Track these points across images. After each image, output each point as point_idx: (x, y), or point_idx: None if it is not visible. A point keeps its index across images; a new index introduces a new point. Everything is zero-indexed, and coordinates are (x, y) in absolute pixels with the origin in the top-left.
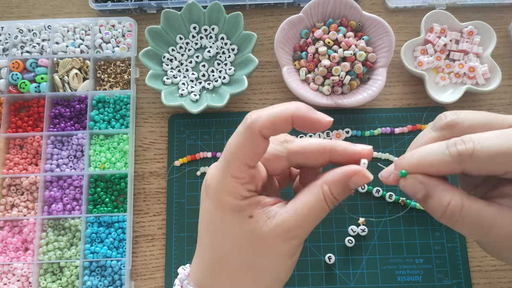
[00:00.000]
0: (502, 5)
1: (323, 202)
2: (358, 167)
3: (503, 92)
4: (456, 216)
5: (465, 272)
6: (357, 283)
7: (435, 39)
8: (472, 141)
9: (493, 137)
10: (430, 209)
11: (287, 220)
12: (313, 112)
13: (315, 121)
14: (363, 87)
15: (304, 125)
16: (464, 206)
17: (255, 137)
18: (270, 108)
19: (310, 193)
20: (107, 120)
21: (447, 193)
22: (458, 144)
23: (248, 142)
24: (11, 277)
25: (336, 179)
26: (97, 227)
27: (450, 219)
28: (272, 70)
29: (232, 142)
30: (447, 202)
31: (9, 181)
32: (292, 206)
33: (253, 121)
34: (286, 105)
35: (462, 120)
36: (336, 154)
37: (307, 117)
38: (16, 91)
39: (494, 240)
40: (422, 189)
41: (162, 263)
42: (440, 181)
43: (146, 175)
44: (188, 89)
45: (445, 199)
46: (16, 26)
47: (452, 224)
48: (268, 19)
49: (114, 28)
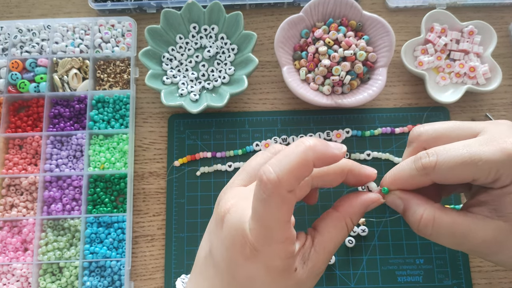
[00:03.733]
0: (503, 4)
1: (346, 234)
2: (375, 196)
3: (503, 92)
4: (429, 229)
5: (465, 273)
6: (357, 284)
7: (436, 39)
8: (436, 154)
9: (454, 148)
10: (409, 223)
11: (320, 260)
12: (329, 148)
13: (333, 157)
14: (363, 87)
15: (324, 164)
16: (436, 219)
17: (285, 197)
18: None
19: (336, 228)
20: (106, 120)
21: (420, 207)
22: (423, 158)
23: (281, 206)
24: (10, 277)
25: (358, 210)
26: (97, 227)
27: (424, 232)
28: (272, 70)
29: (264, 212)
30: (420, 216)
31: (8, 181)
32: (321, 245)
33: (276, 184)
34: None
35: (426, 129)
36: (351, 176)
37: (326, 156)
38: (16, 91)
39: (471, 248)
40: (401, 204)
41: (161, 263)
42: (415, 196)
43: (145, 175)
44: (188, 89)
45: (418, 213)
46: (16, 25)
47: (428, 236)
48: (268, 19)
49: (114, 27)
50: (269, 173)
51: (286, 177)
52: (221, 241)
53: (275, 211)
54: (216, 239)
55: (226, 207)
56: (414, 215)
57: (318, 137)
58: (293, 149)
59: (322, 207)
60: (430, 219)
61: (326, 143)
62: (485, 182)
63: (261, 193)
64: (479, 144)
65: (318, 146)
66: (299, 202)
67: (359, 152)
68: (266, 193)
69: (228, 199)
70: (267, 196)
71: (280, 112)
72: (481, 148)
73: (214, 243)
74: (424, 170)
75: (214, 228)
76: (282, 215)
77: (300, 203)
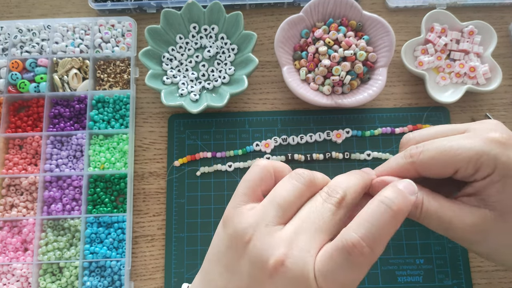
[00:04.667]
0: (503, 4)
1: None
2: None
3: (503, 92)
4: (418, 211)
5: (465, 273)
6: None
7: (436, 39)
8: (423, 146)
9: (438, 141)
10: None
11: None
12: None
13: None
14: (363, 87)
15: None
16: (424, 202)
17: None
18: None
19: None
20: (106, 120)
21: None
22: (412, 149)
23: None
24: (10, 277)
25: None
26: (97, 228)
27: (413, 214)
28: (272, 70)
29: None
30: None
31: (8, 181)
32: None
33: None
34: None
35: (414, 135)
36: None
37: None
38: (16, 91)
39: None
40: None
41: (161, 263)
42: None
43: (145, 175)
44: (188, 89)
45: None
46: (16, 25)
47: (416, 219)
48: (268, 19)
49: (114, 27)
50: (362, 247)
51: (379, 248)
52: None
53: (360, 277)
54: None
55: (279, 258)
56: None
57: (318, 137)
58: (382, 217)
59: None
60: (419, 202)
61: (405, 195)
62: (467, 173)
63: (347, 263)
64: (462, 138)
65: (404, 204)
66: None
67: (359, 152)
68: (356, 263)
69: (273, 246)
70: (356, 266)
71: (280, 112)
72: (463, 140)
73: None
74: (410, 158)
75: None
76: (362, 278)
77: None
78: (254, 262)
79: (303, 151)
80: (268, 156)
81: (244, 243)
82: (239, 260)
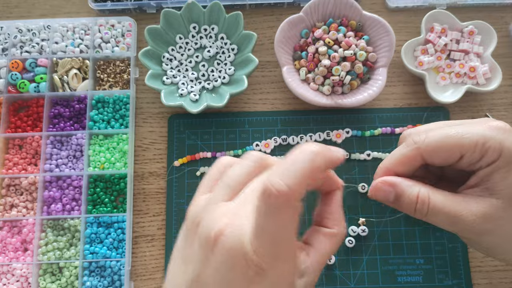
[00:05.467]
0: (503, 4)
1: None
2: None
3: (503, 92)
4: (425, 207)
5: (465, 273)
6: (357, 284)
7: (436, 39)
8: (425, 132)
9: (442, 128)
10: (404, 207)
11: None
12: (333, 152)
13: (338, 160)
14: (363, 87)
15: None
16: (430, 197)
17: (297, 208)
18: (291, 166)
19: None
20: (106, 120)
21: (414, 187)
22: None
23: (293, 217)
24: (10, 277)
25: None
26: (97, 228)
27: (421, 211)
28: (272, 70)
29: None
30: (416, 195)
31: (8, 181)
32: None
33: (288, 195)
34: (308, 155)
35: (416, 130)
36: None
37: (332, 161)
38: (16, 91)
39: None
40: (392, 191)
41: (161, 263)
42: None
43: (145, 175)
44: (188, 89)
45: (413, 193)
46: (16, 26)
47: (424, 217)
48: (268, 19)
49: (114, 28)
50: (279, 185)
51: (298, 187)
52: (215, 267)
53: (287, 224)
54: (205, 265)
55: (219, 229)
56: (410, 196)
57: (318, 137)
58: (299, 157)
59: None
60: (426, 197)
61: (328, 147)
62: (473, 158)
63: (269, 207)
64: (466, 124)
65: (325, 151)
66: None
67: (359, 152)
68: (276, 206)
69: (216, 219)
70: (276, 209)
71: (280, 112)
72: (468, 126)
73: (203, 270)
74: (415, 145)
75: (200, 253)
76: (293, 228)
77: None
78: (201, 241)
79: None
80: None
81: (195, 228)
82: (192, 247)
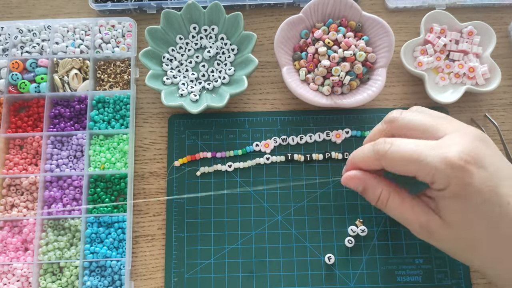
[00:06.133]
0: (502, 5)
1: None
2: None
3: (502, 92)
4: (383, 206)
5: (464, 272)
6: (357, 283)
7: (435, 39)
8: (390, 144)
9: (405, 143)
10: (368, 199)
11: None
12: None
13: None
14: (363, 87)
15: None
16: (389, 200)
17: None
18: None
19: None
20: (107, 120)
21: (378, 186)
22: (380, 144)
23: None
24: (11, 277)
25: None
26: (97, 227)
27: (380, 207)
28: (272, 70)
29: None
30: (378, 193)
31: (9, 181)
32: None
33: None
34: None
35: (402, 117)
36: None
37: None
38: (16, 91)
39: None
40: (360, 184)
41: (162, 263)
42: (373, 176)
43: (146, 175)
44: (188, 89)
45: (376, 193)
46: (16, 26)
47: (382, 210)
48: (268, 19)
49: (114, 28)
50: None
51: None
52: None
53: None
54: None
55: None
56: (373, 194)
57: (318, 137)
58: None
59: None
60: (385, 198)
61: None
62: (426, 180)
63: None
64: (429, 147)
65: None
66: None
67: None
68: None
69: None
70: None
71: (280, 113)
72: (427, 151)
73: None
74: (377, 155)
75: None
76: None
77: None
78: None
79: (303, 151)
80: (268, 156)
81: None
82: None
